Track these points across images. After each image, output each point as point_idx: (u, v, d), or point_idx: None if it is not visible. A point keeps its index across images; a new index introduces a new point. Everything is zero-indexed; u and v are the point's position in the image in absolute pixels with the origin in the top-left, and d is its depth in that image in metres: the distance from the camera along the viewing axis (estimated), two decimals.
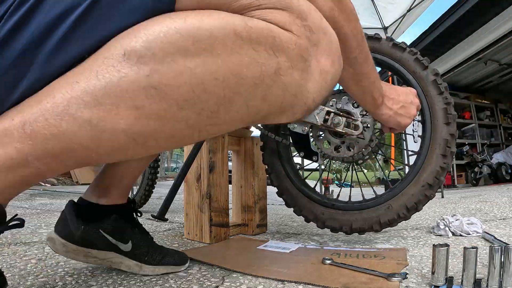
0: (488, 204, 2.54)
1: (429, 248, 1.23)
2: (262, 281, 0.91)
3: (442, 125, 1.24)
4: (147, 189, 2.35)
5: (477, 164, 7.89)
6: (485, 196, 3.31)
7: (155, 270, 0.97)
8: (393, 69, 1.34)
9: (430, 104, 1.27)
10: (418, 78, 1.29)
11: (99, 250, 0.92)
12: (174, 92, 0.46)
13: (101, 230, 0.90)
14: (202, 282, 0.90)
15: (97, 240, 0.90)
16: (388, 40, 1.34)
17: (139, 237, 0.98)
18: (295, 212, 1.45)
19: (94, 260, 0.93)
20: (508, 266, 0.74)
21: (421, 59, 1.29)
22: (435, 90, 1.27)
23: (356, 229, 1.33)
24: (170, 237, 1.52)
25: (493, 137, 9.09)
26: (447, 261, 0.81)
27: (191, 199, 1.46)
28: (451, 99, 1.27)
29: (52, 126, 0.45)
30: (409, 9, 5.83)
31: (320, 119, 1.23)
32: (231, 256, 1.19)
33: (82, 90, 0.45)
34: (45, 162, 0.47)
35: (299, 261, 1.11)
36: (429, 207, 2.64)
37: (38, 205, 2.78)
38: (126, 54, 0.45)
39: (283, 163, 1.49)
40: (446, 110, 1.24)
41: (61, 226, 0.89)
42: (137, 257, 0.96)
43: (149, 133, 0.49)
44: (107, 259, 0.94)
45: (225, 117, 0.52)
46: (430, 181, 1.23)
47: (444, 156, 1.23)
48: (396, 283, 0.85)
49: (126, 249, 0.94)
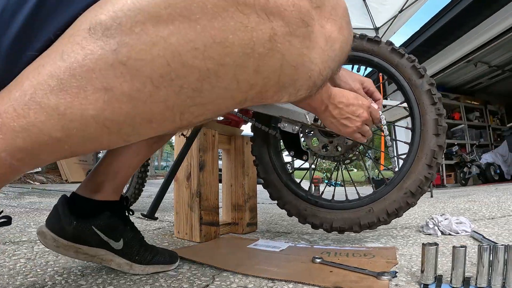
0: (477, 203, 2.57)
1: (418, 247, 1.24)
2: (252, 280, 0.90)
3: (431, 136, 1.24)
4: (137, 188, 2.33)
5: (466, 164, 7.97)
6: (474, 196, 3.34)
7: (145, 270, 0.96)
8: (388, 73, 1.34)
9: (422, 113, 1.27)
10: (412, 86, 1.29)
11: (90, 246, 0.90)
12: (147, 68, 0.40)
13: (93, 227, 0.88)
14: (193, 281, 0.90)
15: (89, 236, 0.88)
16: (388, 44, 1.34)
17: (130, 235, 0.97)
18: (278, 205, 1.46)
19: (84, 257, 0.91)
20: (496, 265, 0.75)
21: (418, 67, 1.28)
22: (428, 100, 1.26)
23: (336, 228, 1.34)
24: (160, 236, 1.51)
25: (482, 138, 9.20)
26: (436, 259, 0.81)
27: (181, 197, 1.46)
28: (444, 111, 1.26)
29: (20, 117, 0.40)
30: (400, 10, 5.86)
31: (311, 119, 1.23)
32: (221, 255, 1.19)
33: (47, 74, 0.40)
34: (18, 158, 0.43)
35: (289, 260, 1.10)
36: (418, 206, 2.66)
37: (27, 203, 2.75)
38: (92, 29, 0.39)
39: (271, 155, 1.49)
40: (437, 121, 1.24)
41: (53, 220, 0.87)
42: (128, 256, 0.95)
43: (123, 119, 0.43)
44: (98, 256, 0.92)
45: (210, 95, 0.45)
46: (413, 189, 1.23)
47: (430, 166, 1.23)
48: (385, 282, 0.85)
49: (118, 247, 0.93)
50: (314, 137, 1.34)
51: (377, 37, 1.36)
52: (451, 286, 0.78)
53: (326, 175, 17.71)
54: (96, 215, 0.90)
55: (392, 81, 1.35)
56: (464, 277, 0.78)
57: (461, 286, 0.77)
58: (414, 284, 0.84)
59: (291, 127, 1.32)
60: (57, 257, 1.10)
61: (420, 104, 1.27)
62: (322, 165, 20.61)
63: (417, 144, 1.26)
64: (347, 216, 1.33)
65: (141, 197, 2.62)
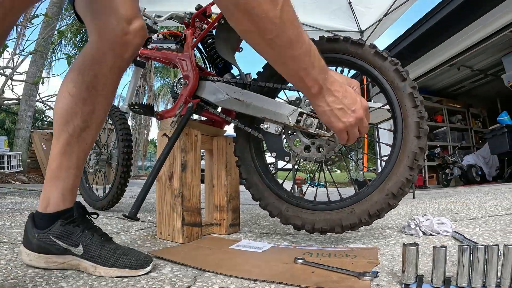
0: (458, 204, 2.60)
1: (400, 247, 1.25)
2: (234, 281, 0.90)
3: (413, 138, 1.24)
4: (119, 188, 2.30)
5: (448, 166, 8.08)
6: (456, 197, 3.39)
7: (109, 272, 0.94)
8: (371, 76, 1.34)
9: (404, 116, 1.27)
10: (395, 89, 1.29)
11: (56, 255, 0.96)
12: None
13: (51, 236, 0.97)
14: (174, 282, 0.89)
15: (51, 246, 0.96)
16: (371, 47, 1.34)
17: (89, 239, 0.98)
18: (260, 206, 1.46)
19: (55, 265, 0.97)
20: (477, 265, 0.76)
21: (401, 70, 1.29)
22: (410, 103, 1.26)
23: (318, 229, 1.34)
24: (143, 237, 1.49)
25: (464, 140, 9.35)
26: (417, 259, 0.81)
27: (163, 198, 1.44)
28: (425, 114, 1.27)
29: None
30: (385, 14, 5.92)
31: (293, 120, 1.23)
32: (203, 255, 1.18)
33: None
34: None
35: (272, 260, 1.10)
36: (401, 207, 2.69)
37: (8, 204, 2.68)
38: None
39: (254, 156, 1.49)
40: (418, 123, 1.24)
41: (25, 238, 1.00)
42: (91, 259, 0.96)
43: None
44: (67, 262, 0.97)
45: None
46: (394, 191, 1.24)
47: (411, 168, 1.23)
48: (367, 282, 0.85)
49: (79, 252, 0.97)
50: (297, 138, 1.34)
51: (361, 39, 1.36)
52: (432, 286, 0.79)
53: (309, 176, 17.79)
54: (51, 225, 0.98)
55: (375, 83, 1.35)
56: (445, 277, 0.79)
57: (441, 285, 0.78)
58: (396, 284, 0.85)
59: (274, 128, 1.31)
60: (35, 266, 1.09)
61: (402, 107, 1.28)
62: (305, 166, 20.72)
63: (399, 146, 1.27)
64: (329, 217, 1.33)
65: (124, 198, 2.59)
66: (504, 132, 6.54)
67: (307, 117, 1.25)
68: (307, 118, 1.25)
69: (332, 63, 1.40)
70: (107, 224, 1.80)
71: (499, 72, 7.43)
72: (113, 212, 2.36)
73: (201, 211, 1.49)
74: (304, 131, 1.30)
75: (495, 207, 2.23)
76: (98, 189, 2.66)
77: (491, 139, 6.99)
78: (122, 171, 2.28)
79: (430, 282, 0.80)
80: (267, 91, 1.45)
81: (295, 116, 1.23)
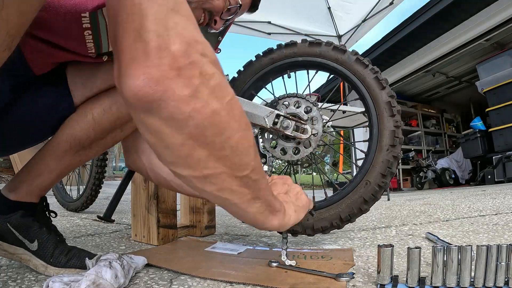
0: (432, 206, 2.65)
1: (375, 249, 1.26)
2: (210, 283, 0.89)
3: (387, 146, 1.26)
4: (93, 189, 2.25)
5: (422, 169, 8.24)
6: (429, 199, 3.45)
7: (60, 273, 0.92)
8: (351, 82, 1.34)
9: (380, 124, 1.28)
10: (373, 97, 1.29)
11: (9, 244, 0.93)
12: None
13: (8, 224, 0.93)
14: (150, 285, 0.88)
15: (6, 233, 0.93)
16: (353, 54, 1.34)
17: (46, 236, 0.96)
18: None
19: (4, 254, 0.94)
20: (450, 265, 0.77)
21: (381, 78, 1.30)
22: (387, 112, 1.27)
23: (289, 230, 1.34)
24: (117, 239, 1.46)
25: (438, 144, 9.58)
26: (392, 260, 0.82)
27: (138, 200, 1.42)
28: (402, 123, 1.28)
29: None
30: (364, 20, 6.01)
31: (269, 122, 1.23)
32: (179, 258, 1.16)
33: None
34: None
35: (247, 262, 1.09)
36: (376, 209, 2.72)
37: None
38: None
39: None
40: (394, 132, 1.26)
41: None
42: (43, 257, 0.94)
43: None
44: (17, 255, 0.94)
45: None
46: (366, 197, 1.25)
47: (384, 176, 1.25)
48: (343, 283, 0.85)
49: (33, 248, 0.94)
50: (273, 140, 1.34)
51: (343, 46, 1.37)
52: (407, 286, 0.80)
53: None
54: (10, 213, 0.94)
55: (354, 90, 1.36)
56: (420, 277, 0.80)
57: (416, 285, 0.79)
58: (371, 284, 0.85)
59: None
60: (10, 262, 1.06)
61: (379, 115, 1.29)
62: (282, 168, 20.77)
63: (373, 153, 1.28)
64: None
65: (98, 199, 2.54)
66: (477, 137, 6.73)
67: (284, 119, 1.25)
68: (284, 120, 1.25)
69: (313, 67, 1.40)
70: (81, 226, 1.76)
71: (473, 79, 7.66)
72: (87, 214, 2.31)
73: (177, 213, 1.47)
74: (280, 132, 1.30)
75: (468, 209, 2.28)
76: (72, 190, 2.61)
77: (464, 143, 7.17)
78: (96, 171, 2.23)
79: (405, 282, 0.81)
80: (244, 92, 1.44)
81: (272, 118, 1.23)
